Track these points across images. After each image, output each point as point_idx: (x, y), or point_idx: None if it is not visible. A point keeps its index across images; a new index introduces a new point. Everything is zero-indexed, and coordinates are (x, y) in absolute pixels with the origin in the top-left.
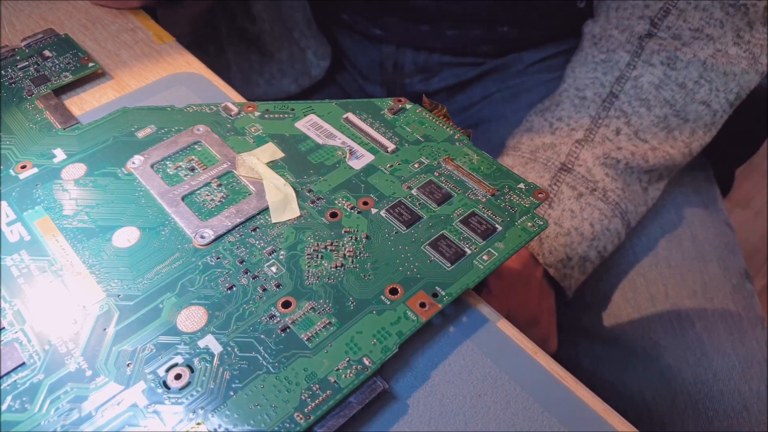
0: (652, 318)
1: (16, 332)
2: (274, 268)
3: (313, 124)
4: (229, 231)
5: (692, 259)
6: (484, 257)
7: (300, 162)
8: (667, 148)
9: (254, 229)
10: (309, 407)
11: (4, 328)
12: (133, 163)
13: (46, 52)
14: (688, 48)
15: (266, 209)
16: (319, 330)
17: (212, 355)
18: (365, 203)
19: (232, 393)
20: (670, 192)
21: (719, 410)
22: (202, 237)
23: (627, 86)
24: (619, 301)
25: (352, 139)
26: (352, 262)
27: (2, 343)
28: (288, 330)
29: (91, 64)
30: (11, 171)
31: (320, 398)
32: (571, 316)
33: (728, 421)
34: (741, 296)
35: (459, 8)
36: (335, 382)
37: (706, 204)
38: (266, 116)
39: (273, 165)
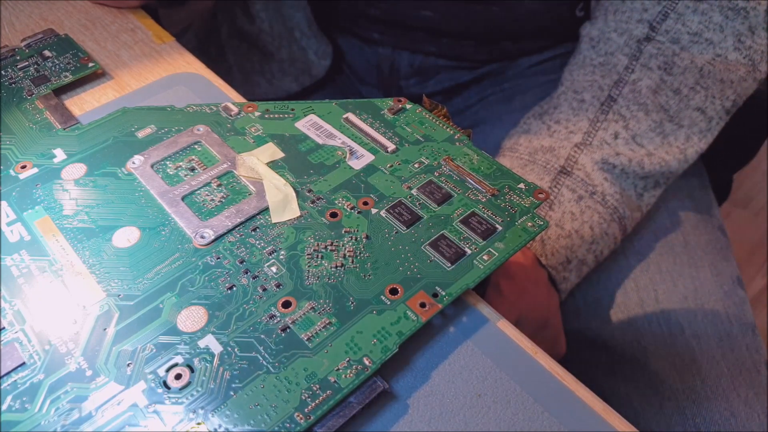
0: (641, 323)
1: (16, 332)
2: (274, 268)
3: (313, 124)
4: (229, 231)
5: (684, 264)
6: (485, 257)
7: (300, 162)
8: (663, 153)
9: (254, 229)
10: (309, 407)
11: (4, 328)
12: (133, 163)
13: (46, 52)
14: (686, 52)
15: (266, 209)
16: (319, 330)
17: (212, 355)
18: (365, 203)
19: (232, 393)
20: (664, 197)
21: (706, 417)
22: (202, 237)
23: (625, 90)
24: (609, 306)
25: (352, 139)
26: (352, 262)
27: (2, 343)
28: (288, 330)
29: (91, 64)
30: (11, 171)
31: (320, 398)
32: (561, 319)
33: (715, 427)
34: (732, 302)
35: (457, 26)
36: (335, 382)
37: (699, 210)
38: (266, 116)
39: (273, 165)
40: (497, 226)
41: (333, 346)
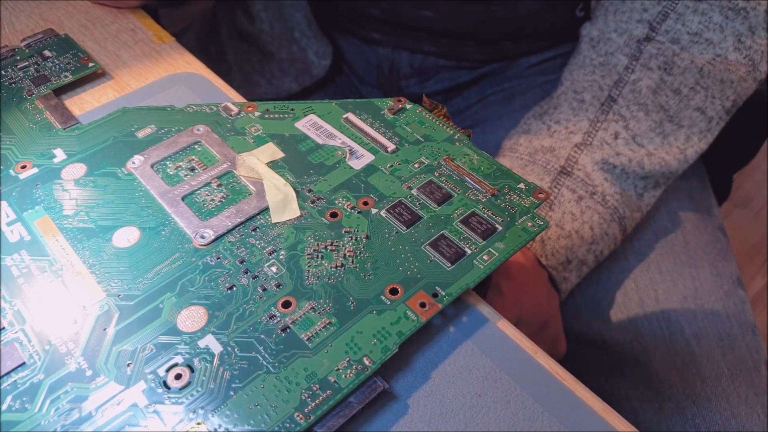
0: (641, 323)
1: (16, 332)
2: (274, 268)
3: (313, 124)
4: (229, 231)
5: (684, 264)
6: (485, 257)
7: (300, 162)
8: (663, 153)
9: (254, 229)
10: (309, 407)
11: (4, 328)
12: (133, 163)
13: (46, 52)
14: (686, 53)
15: (266, 209)
16: (319, 330)
17: (212, 355)
18: (365, 203)
19: (232, 393)
20: (664, 197)
21: (707, 417)
22: (202, 237)
23: (625, 90)
24: (609, 306)
25: (352, 139)
26: (352, 262)
27: (2, 343)
28: (288, 330)
29: (91, 64)
30: (11, 171)
31: (320, 398)
32: (561, 319)
33: (715, 427)
34: (732, 302)
35: (457, 26)
36: (335, 382)
37: (699, 210)
38: (266, 116)
39: (273, 165)
40: (497, 226)
41: (333, 346)
